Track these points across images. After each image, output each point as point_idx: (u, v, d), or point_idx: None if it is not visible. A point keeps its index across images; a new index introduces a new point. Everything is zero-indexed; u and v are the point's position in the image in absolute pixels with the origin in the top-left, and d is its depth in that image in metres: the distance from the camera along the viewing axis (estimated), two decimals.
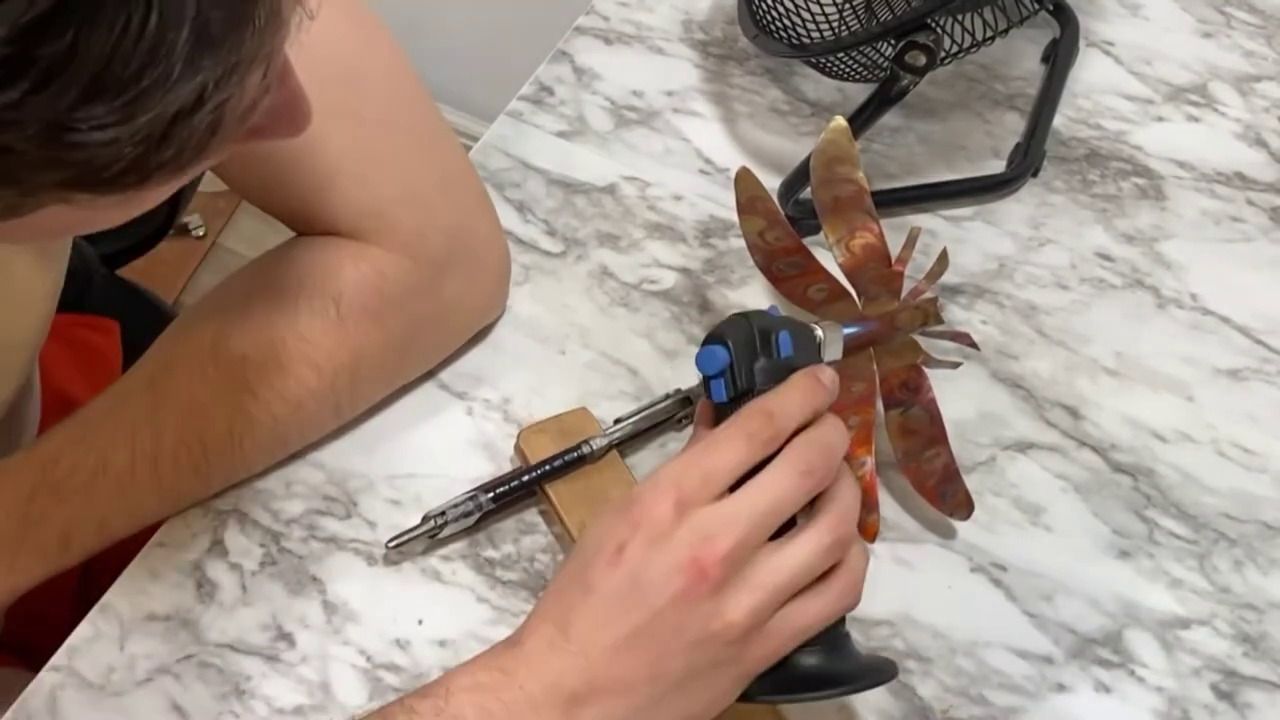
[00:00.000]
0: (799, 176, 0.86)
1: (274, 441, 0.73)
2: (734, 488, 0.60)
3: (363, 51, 0.71)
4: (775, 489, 0.60)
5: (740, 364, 0.63)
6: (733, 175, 0.73)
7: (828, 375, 0.64)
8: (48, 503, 0.67)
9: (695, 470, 0.60)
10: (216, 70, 0.40)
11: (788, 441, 0.61)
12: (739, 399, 0.63)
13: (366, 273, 0.71)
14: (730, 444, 0.61)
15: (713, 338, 0.64)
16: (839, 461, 0.62)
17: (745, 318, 0.64)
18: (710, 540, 0.58)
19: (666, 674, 0.59)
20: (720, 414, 0.64)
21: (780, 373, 0.63)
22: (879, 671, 0.63)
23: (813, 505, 0.62)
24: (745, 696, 0.62)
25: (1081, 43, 0.97)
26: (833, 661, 0.62)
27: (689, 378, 0.79)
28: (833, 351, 0.69)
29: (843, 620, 0.63)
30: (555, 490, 0.74)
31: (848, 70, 0.86)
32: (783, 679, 0.62)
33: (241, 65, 0.41)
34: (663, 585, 0.58)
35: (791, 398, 0.62)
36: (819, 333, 0.67)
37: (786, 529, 0.61)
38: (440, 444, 0.77)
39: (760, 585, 0.59)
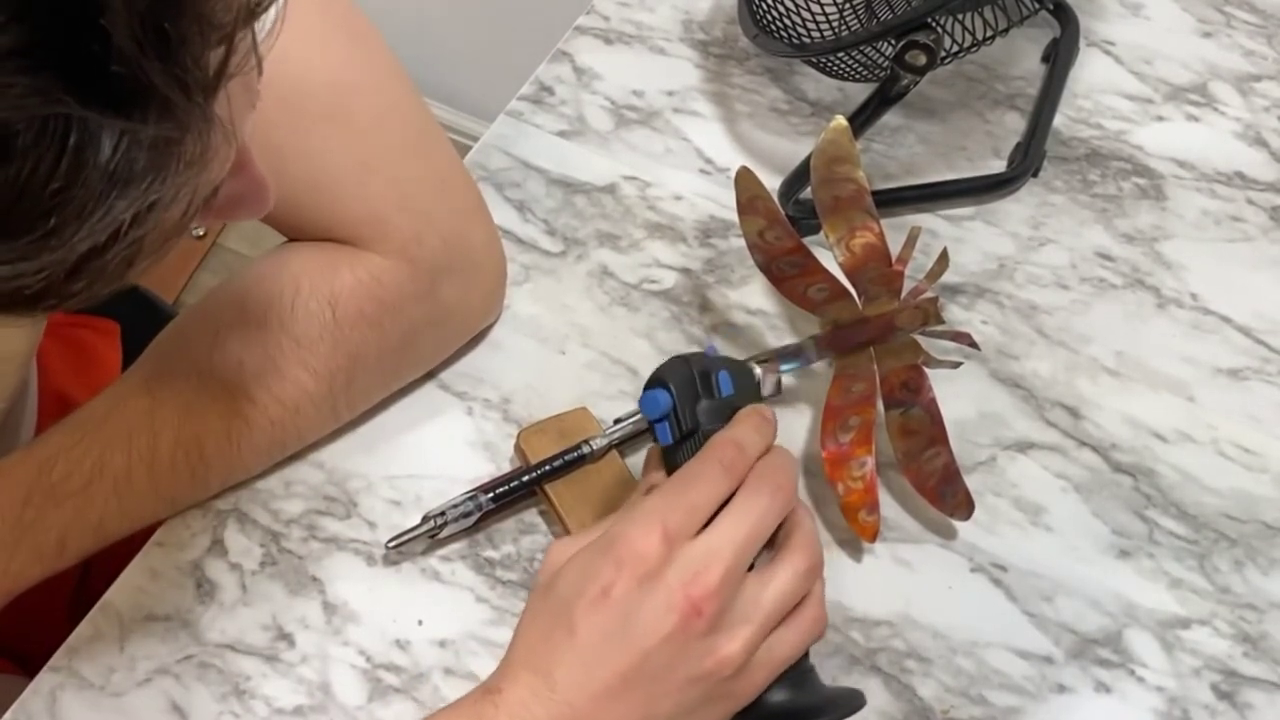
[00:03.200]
0: (799, 176, 0.86)
1: (271, 444, 0.73)
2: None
3: (354, 58, 0.71)
4: (751, 515, 0.60)
5: (684, 406, 0.64)
6: (733, 175, 0.73)
7: (770, 413, 0.65)
8: (44, 506, 0.66)
9: (679, 504, 0.60)
10: (132, 209, 0.38)
11: None
12: (684, 440, 0.64)
13: (363, 278, 0.71)
14: (708, 476, 0.61)
15: (654, 382, 0.65)
16: (795, 485, 0.63)
17: (684, 360, 0.66)
18: (700, 576, 0.58)
19: (657, 716, 0.58)
20: (667, 455, 0.65)
21: (724, 411, 0.65)
22: (847, 702, 0.64)
23: (774, 539, 0.62)
24: None
25: (1082, 42, 0.97)
26: (801, 695, 0.63)
27: None
28: (769, 387, 0.71)
29: (806, 654, 0.64)
30: (555, 490, 0.74)
31: (848, 70, 0.86)
32: (755, 716, 0.62)
33: (161, 204, 0.39)
34: (655, 625, 0.58)
35: (749, 431, 0.63)
36: (757, 372, 0.70)
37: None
38: (440, 444, 0.77)
39: (750, 618, 0.59)
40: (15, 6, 0.35)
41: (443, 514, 0.72)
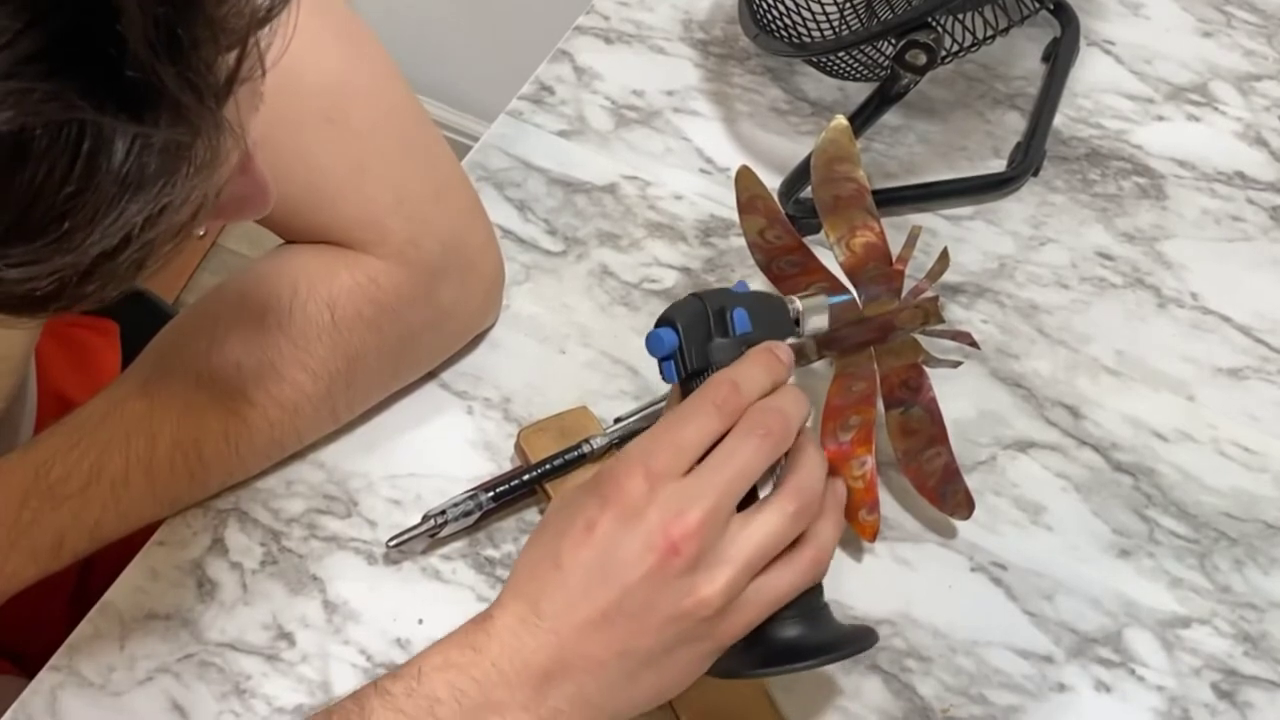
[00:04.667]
0: (799, 175, 0.86)
1: (270, 446, 0.73)
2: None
3: (350, 61, 0.71)
4: (738, 456, 0.60)
5: (690, 344, 0.63)
6: (733, 174, 0.73)
7: (784, 351, 0.64)
8: (41, 507, 0.66)
9: (665, 444, 0.60)
10: (144, 213, 0.39)
11: None
12: (691, 378, 0.63)
13: (361, 280, 0.71)
14: (698, 416, 0.61)
15: (662, 320, 0.64)
16: (797, 425, 0.62)
17: (697, 296, 0.64)
18: (681, 515, 0.58)
19: (638, 650, 0.59)
20: (683, 393, 0.64)
21: (739, 349, 0.63)
22: (859, 640, 0.63)
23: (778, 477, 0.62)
24: (731, 674, 0.62)
25: (1082, 42, 0.97)
26: (813, 632, 0.62)
27: None
28: (816, 322, 0.68)
29: (820, 591, 0.63)
30: (556, 489, 0.74)
31: (848, 69, 0.86)
32: (765, 653, 0.62)
33: (172, 207, 0.40)
34: (635, 563, 0.58)
35: (753, 370, 0.62)
36: (796, 305, 0.67)
37: (748, 503, 0.61)
38: (440, 443, 0.77)
39: (731, 559, 0.59)
40: (33, 12, 0.35)
41: (443, 513, 0.72)
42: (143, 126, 0.37)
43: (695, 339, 0.63)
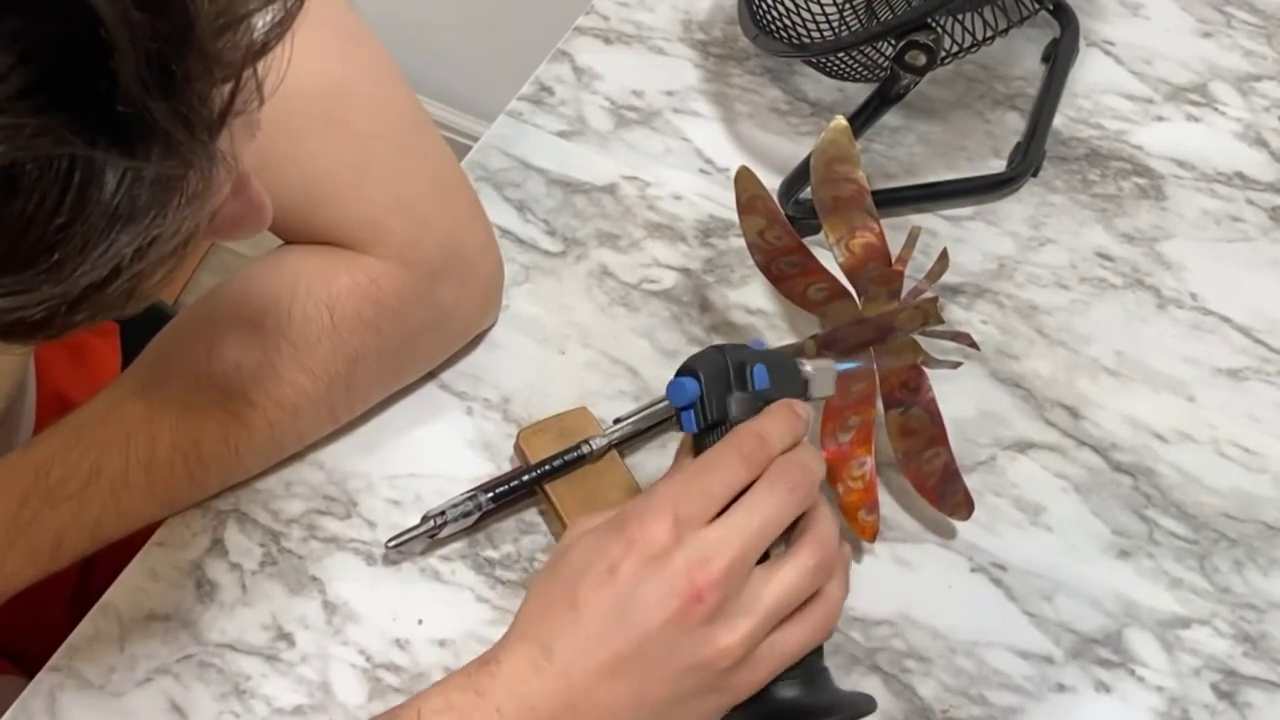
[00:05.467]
0: (799, 176, 0.86)
1: (270, 446, 0.73)
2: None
3: (350, 61, 0.71)
4: (765, 509, 0.60)
5: (710, 396, 0.64)
6: (733, 175, 0.73)
7: (803, 408, 0.65)
8: (39, 508, 0.66)
9: (693, 491, 0.60)
10: (134, 244, 0.39)
11: None
12: (710, 430, 0.64)
13: (361, 281, 0.71)
14: (726, 466, 0.61)
15: (684, 369, 0.65)
16: (818, 481, 0.62)
17: (720, 350, 0.65)
18: (707, 563, 0.58)
19: (651, 700, 0.58)
20: (696, 445, 0.65)
21: (756, 405, 0.64)
22: (856, 705, 0.63)
23: (790, 535, 0.62)
24: None
25: (1081, 42, 0.97)
26: (812, 693, 0.62)
27: None
28: (822, 388, 0.69)
29: (821, 652, 0.63)
30: (555, 490, 0.74)
31: (848, 70, 0.86)
32: (764, 711, 0.61)
33: (162, 238, 0.40)
34: (656, 609, 0.57)
35: (777, 424, 0.63)
36: (806, 369, 0.68)
37: (763, 559, 0.61)
38: (440, 444, 0.77)
39: (753, 611, 0.59)
40: (25, 47, 0.35)
41: (443, 514, 0.72)
42: (134, 160, 0.37)
43: (716, 391, 0.64)
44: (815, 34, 0.84)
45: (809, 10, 0.84)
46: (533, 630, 0.59)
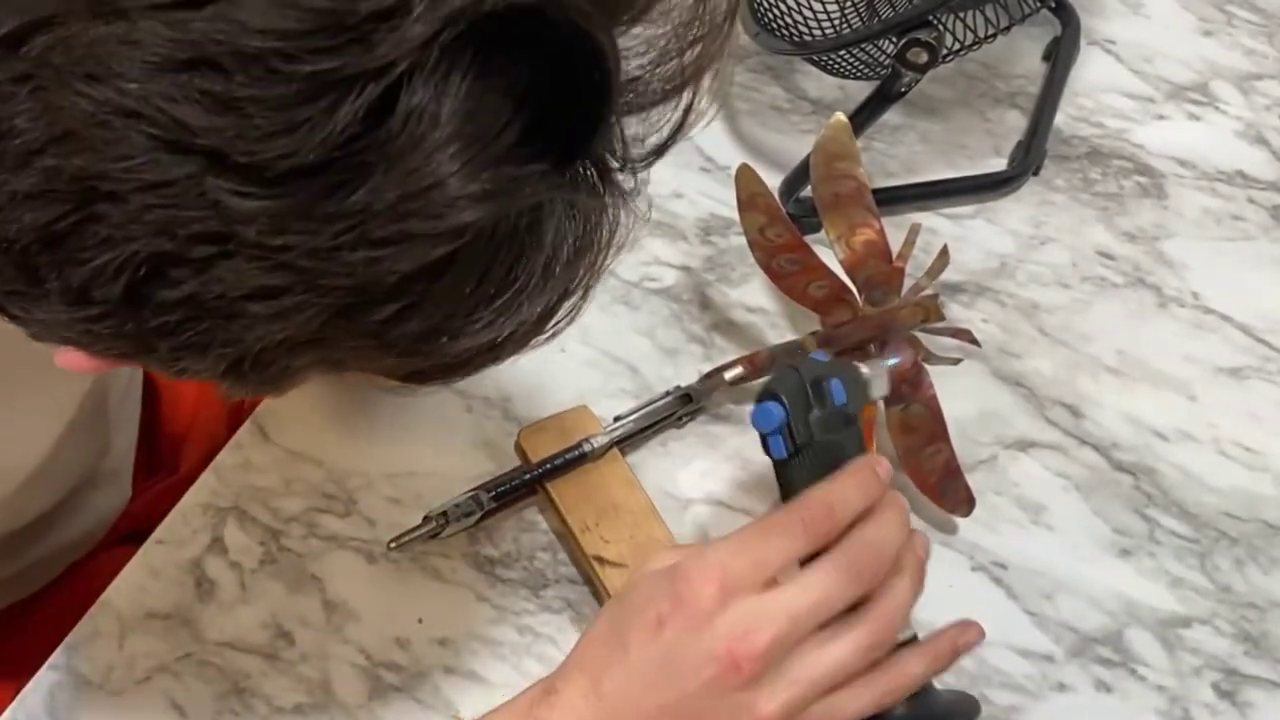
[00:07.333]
0: (800, 174, 0.86)
1: None
2: None
3: None
4: (820, 589, 0.58)
5: (796, 418, 0.62)
6: (733, 172, 0.73)
7: (884, 467, 0.61)
8: None
9: (745, 556, 0.59)
10: (561, 288, 0.43)
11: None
12: (798, 453, 0.62)
13: None
14: (786, 534, 0.59)
15: (766, 394, 0.63)
16: (891, 558, 0.60)
17: (794, 369, 0.64)
18: (749, 635, 0.57)
19: None
20: (780, 471, 0.63)
21: (836, 421, 0.63)
22: (964, 711, 0.64)
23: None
24: None
25: (1083, 41, 0.97)
26: (917, 709, 0.62)
27: (689, 375, 0.78)
28: (880, 389, 0.68)
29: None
30: (556, 489, 0.74)
31: (849, 68, 0.86)
32: None
33: (577, 289, 0.44)
34: (695, 671, 0.57)
35: (848, 492, 0.60)
36: (865, 371, 0.67)
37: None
38: (440, 442, 0.77)
39: (795, 681, 0.58)
40: (521, 95, 0.38)
41: (444, 514, 0.72)
42: (590, 203, 0.42)
43: (799, 412, 0.63)
44: (816, 31, 0.84)
45: (810, 8, 0.84)
46: (589, 661, 0.60)
